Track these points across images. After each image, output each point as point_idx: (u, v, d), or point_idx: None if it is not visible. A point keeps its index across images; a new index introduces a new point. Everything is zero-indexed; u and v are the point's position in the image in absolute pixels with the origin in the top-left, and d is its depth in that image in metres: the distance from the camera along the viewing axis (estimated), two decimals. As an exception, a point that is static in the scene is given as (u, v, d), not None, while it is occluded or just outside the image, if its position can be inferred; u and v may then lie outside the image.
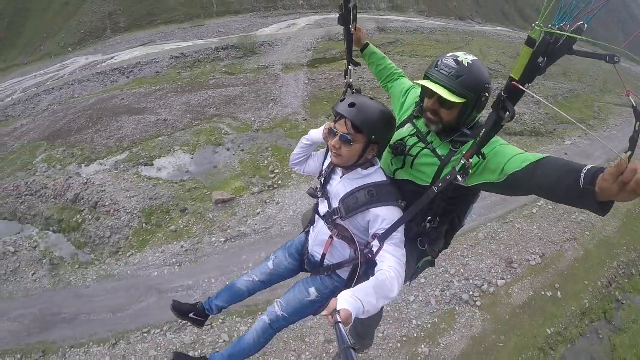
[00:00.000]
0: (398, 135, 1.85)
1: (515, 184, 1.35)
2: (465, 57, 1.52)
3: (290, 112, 15.75)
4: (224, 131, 16.09)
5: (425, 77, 1.60)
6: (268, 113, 15.78)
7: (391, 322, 6.89)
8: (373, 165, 1.76)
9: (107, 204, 12.92)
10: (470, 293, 7.52)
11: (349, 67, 2.10)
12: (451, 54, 1.57)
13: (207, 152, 15.10)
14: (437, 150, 1.65)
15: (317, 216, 1.95)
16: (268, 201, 11.25)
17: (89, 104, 19.38)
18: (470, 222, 9.54)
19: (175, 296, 8.40)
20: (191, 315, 2.31)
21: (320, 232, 1.93)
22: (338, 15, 2.01)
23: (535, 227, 9.76)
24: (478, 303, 7.26)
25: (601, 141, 2.37)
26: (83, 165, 15.52)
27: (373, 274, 1.54)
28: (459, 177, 1.40)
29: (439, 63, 1.54)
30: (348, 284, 1.89)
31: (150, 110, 17.94)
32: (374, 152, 1.72)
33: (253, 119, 15.60)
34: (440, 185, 1.46)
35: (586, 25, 1.00)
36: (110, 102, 19.22)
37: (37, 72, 25.64)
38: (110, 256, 11.65)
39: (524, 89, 1.10)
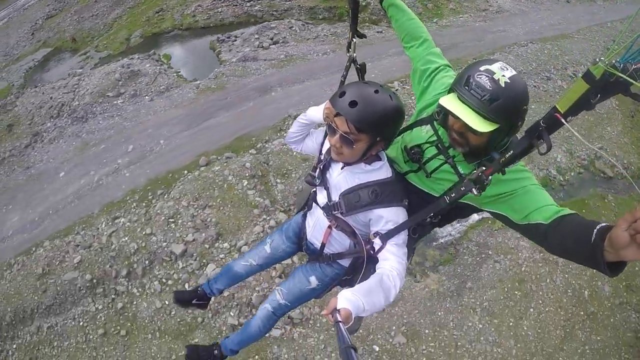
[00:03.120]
0: (416, 137, 1.59)
1: (532, 232, 1.27)
2: (502, 74, 1.21)
3: None
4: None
5: (451, 90, 1.32)
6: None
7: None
8: (379, 159, 1.56)
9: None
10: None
11: (353, 39, 1.84)
12: (485, 67, 1.24)
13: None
14: (459, 167, 1.43)
15: (314, 204, 1.78)
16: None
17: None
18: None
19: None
20: (194, 301, 2.31)
21: (319, 220, 1.76)
22: None
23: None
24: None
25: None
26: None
27: (374, 270, 1.48)
28: (474, 190, 1.23)
29: (471, 80, 1.23)
30: (349, 272, 1.81)
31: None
32: (379, 149, 1.52)
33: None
34: (453, 196, 1.32)
35: None
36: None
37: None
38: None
39: (565, 123, 0.99)
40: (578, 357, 5.00)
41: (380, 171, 1.52)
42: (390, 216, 1.48)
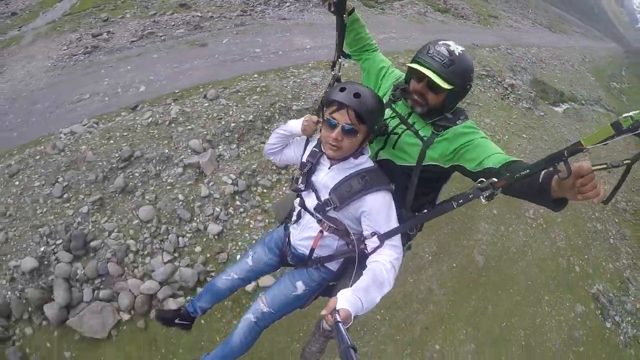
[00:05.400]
0: None
1: (484, 177, 1.39)
2: (456, 47, 1.52)
3: None
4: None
5: (414, 61, 1.57)
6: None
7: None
8: (363, 154, 1.65)
9: None
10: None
11: (339, 59, 1.92)
12: (442, 42, 1.54)
13: None
14: (420, 132, 1.65)
15: (302, 210, 1.79)
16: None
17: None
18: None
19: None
20: (177, 321, 2.23)
21: (307, 226, 1.78)
22: (328, 3, 1.76)
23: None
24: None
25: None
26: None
27: (365, 266, 1.51)
28: (482, 199, 1.33)
29: (431, 49, 1.52)
30: (337, 276, 1.85)
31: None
32: (368, 142, 1.64)
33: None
34: (460, 202, 1.41)
35: None
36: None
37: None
38: None
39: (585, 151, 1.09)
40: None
41: (366, 162, 1.64)
42: (381, 200, 1.55)
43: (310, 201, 1.71)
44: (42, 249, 4.41)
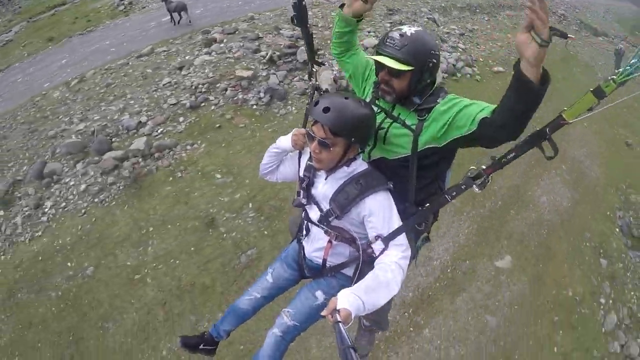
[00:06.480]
0: None
1: (483, 131, 1.38)
2: (409, 29, 1.54)
3: None
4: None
5: (377, 53, 1.61)
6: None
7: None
8: (355, 159, 1.65)
9: None
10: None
11: (313, 68, 1.96)
12: (396, 28, 1.57)
13: None
14: (407, 122, 1.64)
15: (309, 223, 1.81)
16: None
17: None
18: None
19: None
20: (201, 346, 2.22)
21: (316, 237, 1.80)
22: (292, 15, 1.83)
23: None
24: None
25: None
26: None
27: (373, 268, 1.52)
28: (475, 187, 1.35)
29: (386, 37, 1.55)
30: (353, 280, 1.81)
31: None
32: (356, 152, 1.64)
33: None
34: (454, 194, 1.41)
35: None
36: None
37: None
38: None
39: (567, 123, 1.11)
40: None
41: (359, 168, 1.64)
42: (379, 201, 1.56)
43: (314, 213, 1.74)
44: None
